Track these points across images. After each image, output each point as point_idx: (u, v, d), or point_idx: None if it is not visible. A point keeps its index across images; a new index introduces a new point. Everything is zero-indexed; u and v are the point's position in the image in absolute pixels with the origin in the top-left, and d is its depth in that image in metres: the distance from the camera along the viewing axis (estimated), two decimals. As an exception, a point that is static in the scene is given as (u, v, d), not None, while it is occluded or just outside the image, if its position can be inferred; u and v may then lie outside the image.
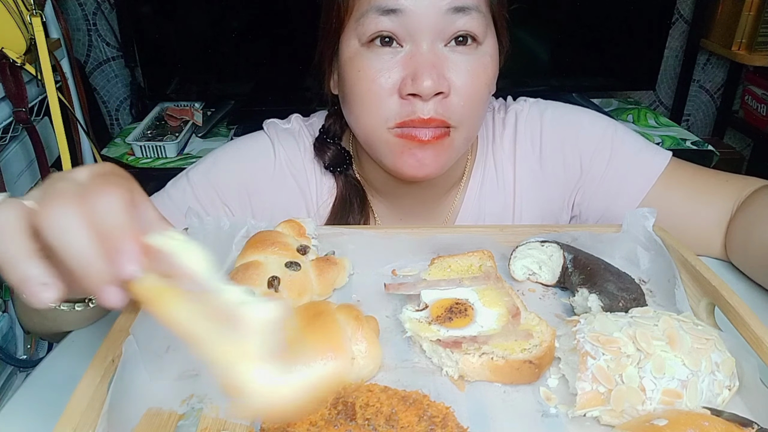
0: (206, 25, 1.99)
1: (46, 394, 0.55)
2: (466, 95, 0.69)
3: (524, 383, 0.50)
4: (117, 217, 0.38)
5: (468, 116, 0.70)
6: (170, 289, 0.37)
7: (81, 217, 0.36)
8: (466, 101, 0.69)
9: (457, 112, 0.69)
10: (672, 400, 0.45)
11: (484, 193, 0.85)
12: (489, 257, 0.63)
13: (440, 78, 0.66)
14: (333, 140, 0.85)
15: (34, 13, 1.38)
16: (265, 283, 0.58)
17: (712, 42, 2.22)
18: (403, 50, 0.68)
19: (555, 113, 0.86)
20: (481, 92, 0.70)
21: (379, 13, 0.66)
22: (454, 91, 0.68)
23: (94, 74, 2.17)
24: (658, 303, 0.61)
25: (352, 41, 0.70)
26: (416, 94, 0.66)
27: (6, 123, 1.37)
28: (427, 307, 0.56)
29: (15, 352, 1.35)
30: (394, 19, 0.66)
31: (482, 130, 0.86)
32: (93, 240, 0.36)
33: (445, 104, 0.68)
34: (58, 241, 0.36)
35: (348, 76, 0.71)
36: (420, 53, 0.67)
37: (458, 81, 0.68)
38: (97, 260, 0.36)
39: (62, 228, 0.36)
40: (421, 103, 0.67)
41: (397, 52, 0.68)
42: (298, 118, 0.89)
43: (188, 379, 0.51)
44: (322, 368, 0.48)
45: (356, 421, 0.43)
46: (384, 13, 0.66)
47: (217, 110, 2.09)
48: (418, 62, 0.66)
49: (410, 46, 0.68)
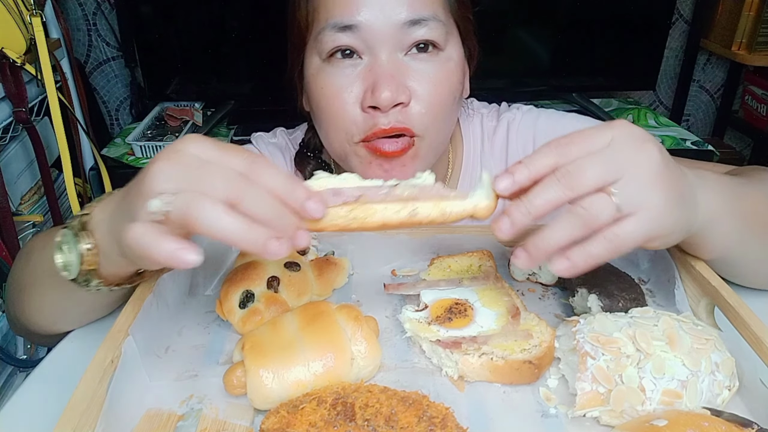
0: (206, 25, 1.99)
1: (46, 394, 0.55)
2: (428, 103, 0.68)
3: (524, 383, 0.50)
4: (283, 176, 0.43)
5: (431, 124, 0.70)
6: (357, 206, 0.45)
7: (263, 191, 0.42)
8: (428, 109, 0.69)
9: (418, 120, 0.68)
10: (672, 400, 0.45)
11: None
12: (489, 257, 0.63)
13: (399, 88, 0.66)
14: (313, 153, 0.85)
15: (34, 13, 1.38)
16: (265, 284, 0.58)
17: (712, 42, 2.22)
18: (362, 62, 0.68)
19: (549, 121, 0.85)
20: (445, 99, 0.70)
21: (335, 30, 0.67)
22: (416, 100, 0.68)
23: (94, 74, 2.17)
24: (658, 303, 0.61)
25: (314, 58, 0.71)
26: (376, 106, 0.66)
27: (6, 123, 1.37)
28: (426, 308, 0.56)
29: (15, 352, 1.35)
30: (350, 35, 0.67)
31: (469, 138, 0.86)
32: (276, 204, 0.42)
33: (405, 113, 0.67)
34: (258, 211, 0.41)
35: (313, 93, 0.72)
36: (378, 65, 0.67)
37: (419, 89, 0.68)
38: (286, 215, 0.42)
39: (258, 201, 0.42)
40: (382, 115, 0.67)
41: (357, 65, 0.68)
42: (282, 132, 0.91)
43: (188, 380, 0.51)
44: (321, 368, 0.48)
45: (356, 421, 0.43)
46: (340, 29, 0.67)
47: (217, 110, 2.09)
48: (377, 74, 0.66)
49: (369, 58, 0.68)
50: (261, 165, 0.43)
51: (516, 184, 0.45)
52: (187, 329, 0.58)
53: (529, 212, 0.44)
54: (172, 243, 0.41)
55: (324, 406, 0.44)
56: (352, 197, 0.45)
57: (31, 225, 1.47)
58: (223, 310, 0.57)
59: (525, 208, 0.44)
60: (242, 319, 0.56)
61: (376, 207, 0.45)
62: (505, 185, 0.46)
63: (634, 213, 0.44)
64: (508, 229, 0.45)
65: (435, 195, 0.46)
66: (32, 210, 1.52)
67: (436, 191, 0.47)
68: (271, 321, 0.53)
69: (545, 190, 0.44)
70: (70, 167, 1.48)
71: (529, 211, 0.44)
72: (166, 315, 0.57)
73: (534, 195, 0.44)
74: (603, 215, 0.44)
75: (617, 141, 0.45)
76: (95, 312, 0.63)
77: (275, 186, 0.43)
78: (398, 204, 0.45)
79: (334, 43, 0.67)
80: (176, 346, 0.56)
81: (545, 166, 0.45)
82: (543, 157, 0.46)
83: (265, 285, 0.58)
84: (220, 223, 0.40)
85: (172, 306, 0.59)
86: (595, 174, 0.44)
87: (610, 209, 0.44)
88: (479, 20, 0.81)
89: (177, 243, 0.41)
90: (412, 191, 0.46)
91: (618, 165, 0.44)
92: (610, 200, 0.44)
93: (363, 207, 0.45)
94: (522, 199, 0.45)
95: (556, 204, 0.44)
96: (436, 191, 0.47)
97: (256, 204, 0.41)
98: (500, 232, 0.45)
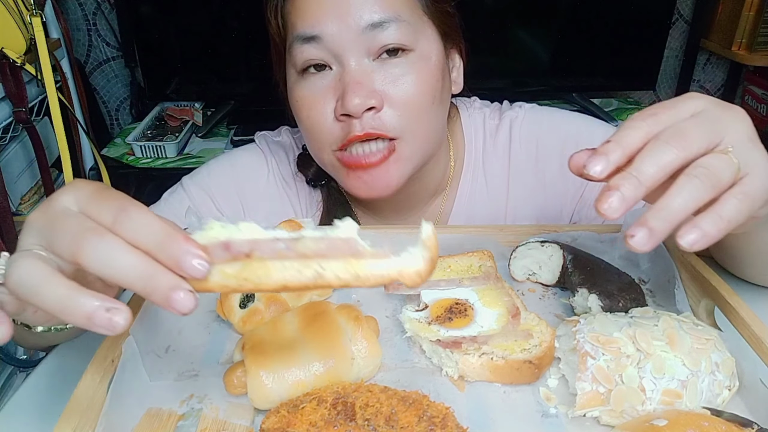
0: (206, 25, 1.99)
1: (46, 394, 0.55)
2: (402, 104, 0.68)
3: (524, 383, 0.50)
4: (157, 226, 0.36)
5: (409, 125, 0.69)
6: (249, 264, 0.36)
7: (121, 243, 0.35)
8: (404, 110, 0.68)
9: (393, 123, 0.68)
10: (672, 400, 0.45)
11: (474, 201, 0.84)
12: (489, 257, 0.63)
13: (368, 93, 0.66)
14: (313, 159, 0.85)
15: (34, 13, 1.38)
16: (265, 283, 0.58)
17: (712, 42, 2.22)
18: (333, 72, 0.68)
19: (552, 120, 0.84)
20: (421, 99, 0.69)
21: (302, 42, 0.68)
22: (388, 103, 0.67)
23: (94, 74, 2.17)
24: (658, 303, 0.61)
25: (291, 71, 0.71)
26: (348, 113, 0.66)
27: (6, 123, 1.37)
28: (426, 307, 0.56)
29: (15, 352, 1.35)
30: (316, 46, 0.67)
31: (471, 135, 0.85)
32: (145, 259, 0.35)
33: (378, 118, 0.67)
34: (110, 272, 0.35)
35: (292, 105, 0.73)
36: (347, 72, 0.67)
37: (391, 92, 0.67)
38: (159, 273, 0.35)
39: (110, 260, 0.35)
40: (356, 121, 0.67)
41: (328, 76, 0.68)
42: (287, 130, 0.90)
43: (188, 380, 0.51)
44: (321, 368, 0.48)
45: (356, 421, 0.43)
46: (305, 41, 0.67)
47: (217, 110, 2.10)
48: (345, 82, 0.66)
49: (338, 67, 0.68)
50: (132, 213, 0.36)
51: (612, 165, 0.41)
52: (187, 329, 0.58)
53: (640, 183, 0.39)
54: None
55: (324, 405, 0.44)
56: (241, 252, 0.36)
57: (31, 225, 1.47)
58: (224, 310, 0.57)
59: (635, 179, 0.39)
60: (242, 318, 0.56)
61: (271, 265, 0.36)
62: (601, 168, 0.41)
63: (749, 173, 0.41)
64: (619, 205, 0.39)
65: (348, 252, 0.36)
66: (32, 210, 1.52)
67: (350, 247, 0.36)
68: (271, 321, 0.53)
69: (654, 155, 0.40)
70: (70, 167, 1.48)
71: (640, 181, 0.39)
72: (166, 315, 0.57)
73: (642, 163, 0.40)
74: (726, 174, 0.40)
75: (706, 106, 0.43)
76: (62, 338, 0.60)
77: (146, 238, 0.35)
78: (299, 262, 0.36)
79: (303, 56, 0.68)
80: (176, 345, 0.56)
81: (638, 138, 0.41)
82: (633, 131, 0.42)
83: (266, 285, 0.58)
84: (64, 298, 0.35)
85: (173, 306, 0.58)
86: (702, 134, 0.40)
87: (733, 167, 0.40)
88: (479, 20, 0.81)
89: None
90: (319, 246, 0.36)
91: (718, 126, 0.41)
92: (730, 158, 0.40)
93: (256, 264, 0.36)
94: (629, 171, 0.40)
95: (669, 168, 0.40)
96: (350, 247, 0.36)
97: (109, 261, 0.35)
98: (610, 210, 0.39)
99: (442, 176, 0.84)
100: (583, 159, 0.43)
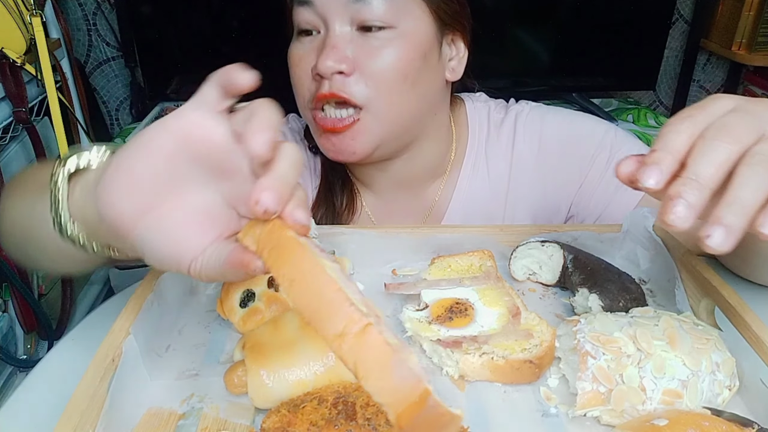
0: (206, 25, 1.98)
1: (46, 394, 0.55)
2: (371, 75, 0.71)
3: (524, 383, 0.50)
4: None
5: (376, 97, 0.72)
6: None
7: None
8: (371, 81, 0.71)
9: (359, 91, 0.71)
10: (672, 400, 0.45)
11: (474, 186, 0.86)
12: (489, 257, 0.63)
13: (341, 58, 0.70)
14: None
15: (34, 13, 1.38)
16: (266, 283, 0.58)
17: (712, 42, 2.22)
18: (319, 36, 0.73)
19: (556, 117, 0.86)
20: (392, 74, 0.72)
21: (297, 5, 0.74)
22: (360, 72, 0.71)
23: (94, 74, 2.17)
24: (658, 303, 0.61)
25: (294, 33, 0.77)
26: (319, 74, 0.71)
27: (6, 123, 1.37)
28: (427, 307, 0.56)
29: (15, 352, 1.35)
30: (308, 10, 0.73)
31: (475, 124, 0.88)
32: None
33: (345, 82, 0.71)
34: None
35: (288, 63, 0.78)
36: (329, 36, 0.72)
37: (364, 62, 0.71)
38: None
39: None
40: (325, 82, 0.71)
41: (316, 39, 0.74)
42: (295, 117, 0.92)
43: (188, 379, 0.51)
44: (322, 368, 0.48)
45: (356, 420, 0.43)
46: (300, 4, 0.73)
47: (217, 110, 2.09)
48: (324, 44, 0.71)
49: (324, 32, 0.73)
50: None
51: (666, 174, 0.39)
52: (187, 328, 0.58)
53: (702, 186, 0.38)
54: None
55: (325, 405, 0.44)
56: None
57: (31, 225, 1.47)
58: (224, 309, 0.57)
59: (695, 182, 0.38)
60: (243, 318, 0.56)
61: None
62: (656, 179, 0.39)
63: None
64: (686, 213, 0.37)
65: None
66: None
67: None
68: (271, 320, 0.53)
69: (707, 154, 0.38)
70: (70, 167, 1.48)
71: (701, 184, 0.38)
72: (166, 314, 0.57)
73: (698, 165, 0.38)
74: None
75: (737, 102, 0.42)
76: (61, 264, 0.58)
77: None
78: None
79: (297, 18, 0.74)
80: (177, 345, 0.56)
81: (684, 142, 0.40)
82: (676, 135, 0.40)
83: (266, 284, 0.58)
84: None
85: (173, 305, 0.59)
86: (747, 126, 0.39)
87: None
88: (479, 20, 0.81)
89: None
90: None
91: (757, 118, 0.40)
92: None
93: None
94: (686, 176, 0.38)
95: (726, 166, 0.38)
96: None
97: None
98: (678, 221, 0.37)
99: (441, 160, 0.86)
100: (631, 169, 0.41)
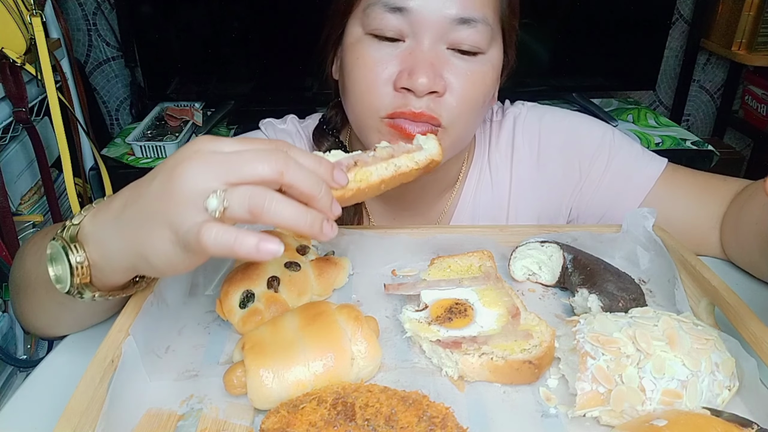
0: (206, 25, 1.98)
1: (46, 394, 0.55)
2: (461, 98, 0.69)
3: (524, 383, 0.50)
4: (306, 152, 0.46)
5: (459, 119, 0.70)
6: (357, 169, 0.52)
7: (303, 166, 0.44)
8: (460, 104, 0.69)
9: (449, 112, 0.69)
10: (672, 400, 0.45)
11: (479, 195, 0.86)
12: (489, 257, 0.63)
13: (437, 77, 0.66)
14: (332, 132, 0.86)
15: (34, 13, 1.38)
16: (265, 283, 0.58)
17: (712, 42, 2.22)
18: (404, 45, 0.68)
19: (554, 118, 0.86)
20: (477, 98, 0.70)
21: (386, 9, 0.67)
22: (450, 93, 0.68)
23: (94, 74, 2.17)
24: (658, 303, 0.61)
25: (357, 28, 0.71)
26: (410, 89, 0.66)
27: (6, 123, 1.37)
28: (426, 308, 0.56)
29: (15, 352, 1.35)
30: (399, 17, 0.67)
31: (479, 133, 0.87)
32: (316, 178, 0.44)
33: (438, 102, 0.68)
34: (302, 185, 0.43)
35: (348, 61, 0.72)
36: (420, 50, 0.67)
37: (455, 83, 0.68)
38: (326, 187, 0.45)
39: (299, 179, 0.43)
40: (414, 98, 0.67)
41: (398, 47, 0.68)
42: (293, 119, 0.90)
43: (188, 380, 0.51)
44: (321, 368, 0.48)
45: (356, 421, 0.43)
46: (391, 10, 0.67)
47: (217, 110, 2.09)
48: (417, 59, 0.67)
49: (412, 42, 0.68)
50: (286, 144, 0.45)
51: None
52: (187, 329, 0.58)
53: None
54: (252, 237, 0.40)
55: (324, 405, 0.44)
56: (350, 164, 0.52)
57: (31, 225, 1.47)
58: (224, 310, 0.57)
59: None
60: (242, 318, 0.56)
61: (371, 169, 0.52)
62: None
63: None
64: None
65: (404, 150, 0.57)
66: (32, 210, 1.52)
67: (403, 148, 0.57)
68: (271, 321, 0.53)
69: None
70: (70, 167, 1.48)
71: None
72: (166, 315, 0.57)
73: None
74: None
75: None
76: (91, 319, 0.62)
77: (306, 161, 0.45)
78: (385, 163, 0.54)
79: (380, 24, 0.68)
80: (176, 345, 0.56)
81: None
82: None
83: (266, 285, 0.58)
84: (285, 210, 0.42)
85: (173, 306, 0.59)
86: None
87: None
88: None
89: (255, 236, 0.40)
90: (388, 152, 0.55)
91: None
92: None
93: (362, 170, 0.52)
94: None
95: None
96: (403, 148, 0.57)
97: (302, 180, 0.43)
98: None
99: (456, 173, 0.86)
100: None
